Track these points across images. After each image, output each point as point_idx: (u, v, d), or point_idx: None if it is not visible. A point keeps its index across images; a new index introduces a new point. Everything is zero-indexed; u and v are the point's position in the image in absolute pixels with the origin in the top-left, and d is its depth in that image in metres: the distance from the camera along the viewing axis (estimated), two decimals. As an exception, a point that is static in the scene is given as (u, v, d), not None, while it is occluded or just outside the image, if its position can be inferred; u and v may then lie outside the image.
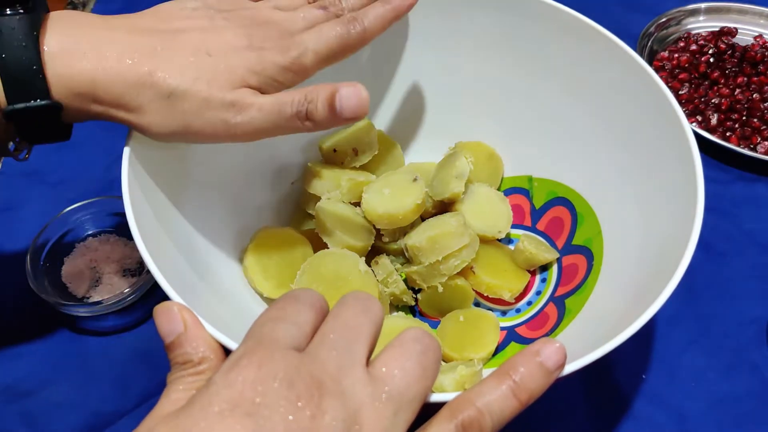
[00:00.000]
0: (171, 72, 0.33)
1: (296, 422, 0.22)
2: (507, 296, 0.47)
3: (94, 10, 0.74)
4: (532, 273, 0.49)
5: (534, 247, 0.47)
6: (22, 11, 0.32)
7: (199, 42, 0.35)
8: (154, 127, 0.34)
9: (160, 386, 0.45)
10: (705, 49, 0.69)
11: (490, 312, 0.48)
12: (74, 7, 0.74)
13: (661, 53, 0.70)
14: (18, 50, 0.31)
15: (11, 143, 0.36)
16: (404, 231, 0.48)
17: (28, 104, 0.32)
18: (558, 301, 0.46)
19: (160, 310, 0.29)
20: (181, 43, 0.35)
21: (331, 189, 0.48)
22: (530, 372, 0.27)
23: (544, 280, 0.49)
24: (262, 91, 0.36)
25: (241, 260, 0.46)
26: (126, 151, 0.36)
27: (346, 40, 0.39)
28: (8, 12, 0.31)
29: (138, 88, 0.33)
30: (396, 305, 0.48)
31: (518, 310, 0.48)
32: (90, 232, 0.53)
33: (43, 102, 0.32)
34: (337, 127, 0.50)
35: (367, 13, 0.40)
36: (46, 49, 0.32)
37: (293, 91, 0.35)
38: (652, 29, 0.71)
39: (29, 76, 0.32)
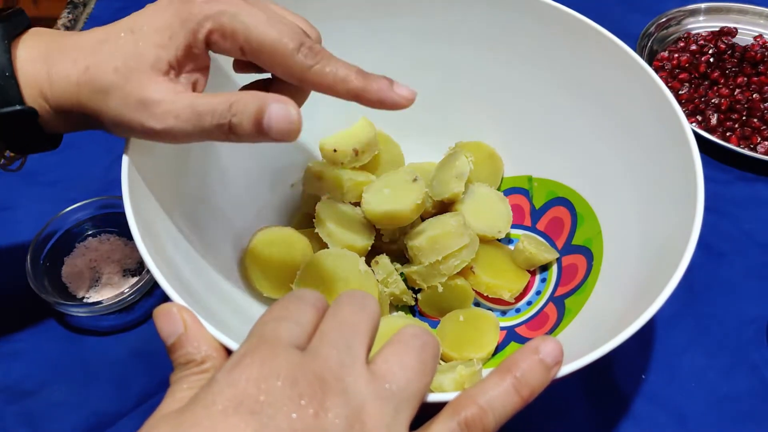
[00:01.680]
0: (99, 65, 0.32)
1: (300, 420, 0.22)
2: (507, 296, 0.47)
3: (94, 9, 0.74)
4: (532, 273, 0.49)
5: (534, 247, 0.47)
6: None
7: (134, 17, 0.33)
8: (102, 125, 0.34)
9: (160, 386, 0.45)
10: (705, 49, 0.69)
11: (490, 312, 0.48)
12: (75, 7, 0.74)
13: (661, 53, 0.70)
14: None
15: (2, 158, 0.36)
16: (404, 231, 0.48)
17: (2, 110, 0.32)
18: (558, 301, 0.46)
19: (159, 313, 0.29)
20: (118, 25, 0.33)
21: (331, 189, 0.48)
22: (531, 368, 0.27)
23: (543, 280, 0.49)
24: (179, 69, 0.33)
25: (241, 260, 0.46)
26: (126, 151, 0.36)
27: (283, 54, 0.33)
28: None
29: (78, 88, 0.33)
30: (396, 305, 0.48)
31: (518, 310, 0.48)
32: (90, 232, 0.53)
33: (17, 107, 0.32)
34: (337, 128, 0.51)
35: (332, 59, 0.34)
36: (18, 56, 0.33)
37: (216, 98, 0.32)
38: (652, 29, 0.71)
39: (1, 82, 0.32)
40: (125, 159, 0.35)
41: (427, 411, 0.26)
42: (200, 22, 0.32)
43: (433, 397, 0.27)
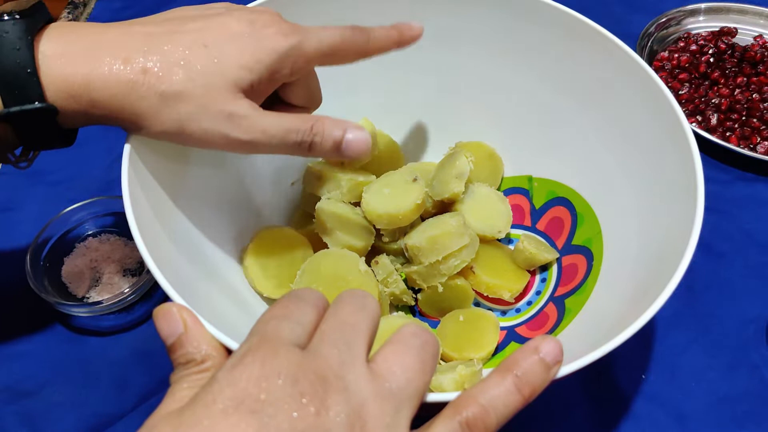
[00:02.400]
0: (164, 70, 0.33)
1: (301, 419, 0.22)
2: (507, 296, 0.47)
3: (94, 9, 0.74)
4: (532, 273, 0.49)
5: (534, 247, 0.47)
6: (17, 17, 0.32)
7: (198, 32, 0.34)
8: (147, 126, 0.34)
9: (160, 386, 0.45)
10: (705, 49, 0.69)
11: (490, 312, 0.48)
12: (75, 7, 0.74)
13: (661, 53, 0.70)
14: (12, 53, 0.31)
15: (10, 153, 0.36)
16: (404, 231, 0.48)
17: (23, 107, 0.32)
18: (558, 300, 0.46)
19: (159, 313, 0.29)
20: (180, 36, 0.34)
21: (331, 189, 0.48)
22: (531, 367, 0.27)
23: (543, 280, 0.49)
24: (255, 91, 0.35)
25: (241, 260, 0.46)
26: (126, 150, 0.36)
27: (350, 42, 0.38)
28: (5, 18, 0.32)
29: (131, 87, 0.33)
30: (396, 305, 0.48)
31: (518, 310, 0.48)
32: (90, 232, 0.53)
33: (37, 105, 0.32)
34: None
35: (374, 30, 0.40)
36: (41, 52, 0.32)
37: (298, 118, 0.35)
38: (652, 29, 0.71)
39: (23, 79, 0.32)
40: (125, 159, 0.35)
41: (427, 411, 0.26)
42: (287, 52, 0.35)
43: (433, 397, 0.27)
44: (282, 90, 0.39)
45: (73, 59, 0.33)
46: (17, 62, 0.31)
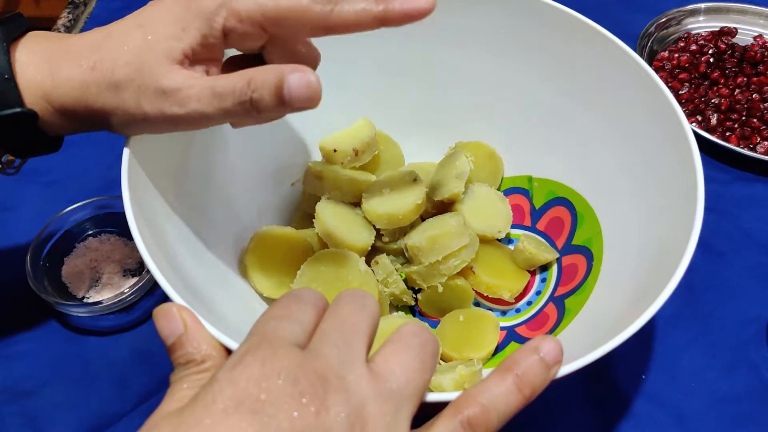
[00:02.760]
0: (108, 62, 0.33)
1: (301, 419, 0.22)
2: (507, 296, 0.47)
3: (95, 9, 0.74)
4: (532, 273, 0.49)
5: (534, 247, 0.47)
6: None
7: (138, 15, 0.34)
8: (111, 123, 0.34)
9: (160, 386, 0.45)
10: (705, 49, 0.69)
11: (490, 312, 0.48)
12: (75, 7, 0.74)
13: (661, 53, 0.70)
14: None
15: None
16: (404, 231, 0.48)
17: (2, 113, 0.32)
18: (558, 301, 0.46)
19: (159, 313, 0.29)
20: (123, 24, 0.34)
21: (331, 189, 0.48)
22: (531, 367, 0.27)
23: (543, 280, 0.49)
24: (193, 59, 0.33)
25: (241, 260, 0.46)
26: (126, 150, 0.36)
27: (302, 10, 0.32)
28: None
29: (86, 86, 0.33)
30: (396, 305, 0.48)
31: (518, 310, 0.48)
32: (90, 232, 0.53)
33: (17, 110, 0.33)
34: (337, 128, 0.51)
35: (348, 2, 0.33)
36: (17, 59, 0.33)
37: (234, 77, 0.32)
38: (652, 29, 0.71)
39: (1, 84, 0.32)
40: (125, 159, 0.35)
41: (427, 411, 0.26)
42: (214, 12, 0.32)
43: (433, 397, 0.27)
44: (265, 55, 0.37)
45: (43, 66, 0.33)
46: None
